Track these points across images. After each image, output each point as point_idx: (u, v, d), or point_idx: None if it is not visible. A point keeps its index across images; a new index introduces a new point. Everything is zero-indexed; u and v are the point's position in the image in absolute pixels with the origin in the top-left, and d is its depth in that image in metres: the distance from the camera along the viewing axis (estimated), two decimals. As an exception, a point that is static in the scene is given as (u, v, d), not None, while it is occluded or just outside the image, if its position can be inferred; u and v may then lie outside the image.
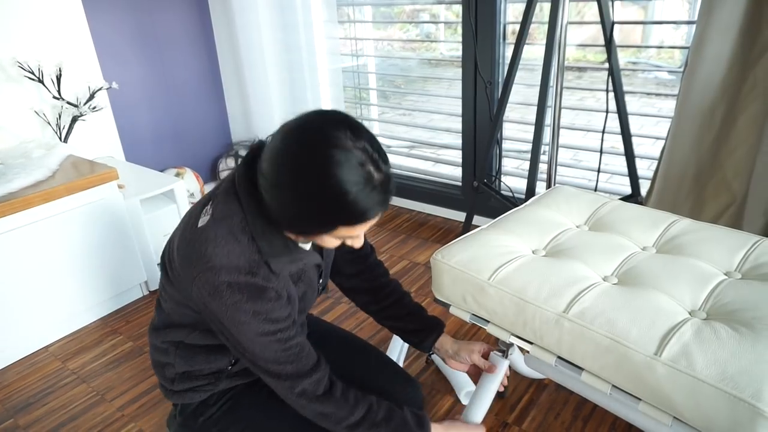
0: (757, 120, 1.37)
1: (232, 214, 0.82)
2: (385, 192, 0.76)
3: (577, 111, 2.95)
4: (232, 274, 0.79)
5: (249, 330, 0.82)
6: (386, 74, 2.84)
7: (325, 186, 0.72)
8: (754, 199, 1.39)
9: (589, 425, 1.25)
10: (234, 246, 0.80)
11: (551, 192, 1.20)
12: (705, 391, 0.66)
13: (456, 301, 0.99)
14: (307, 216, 0.77)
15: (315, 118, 0.76)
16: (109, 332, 1.71)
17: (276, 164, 0.75)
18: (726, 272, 0.88)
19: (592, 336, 0.77)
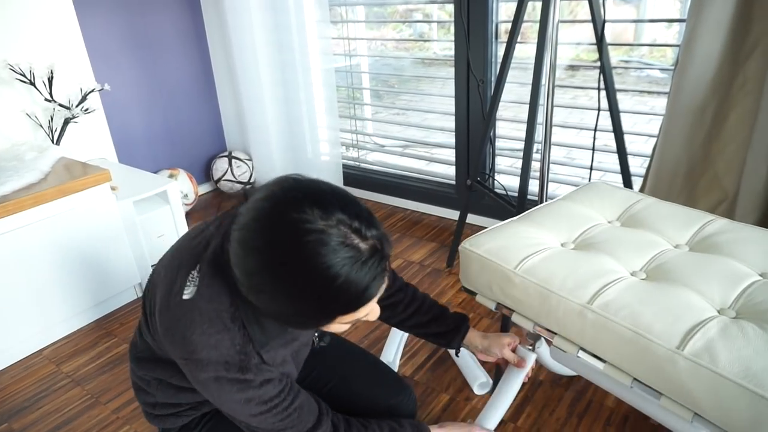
0: (747, 117, 1.38)
1: (220, 296, 0.73)
2: (380, 259, 0.66)
3: (570, 109, 2.97)
4: (220, 371, 0.72)
5: (242, 413, 0.77)
6: (380, 74, 2.85)
7: (309, 282, 0.63)
8: (745, 195, 1.40)
9: (584, 421, 1.26)
10: (223, 336, 0.72)
11: (585, 187, 1.19)
12: (727, 387, 0.65)
13: (482, 290, 0.99)
14: (299, 317, 0.69)
15: (272, 205, 0.65)
16: (103, 335, 1.70)
17: (246, 272, 0.66)
18: (761, 273, 0.86)
19: (615, 328, 0.77)
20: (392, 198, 2.47)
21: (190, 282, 0.74)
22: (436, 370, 1.44)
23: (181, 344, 0.73)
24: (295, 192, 0.65)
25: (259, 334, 0.74)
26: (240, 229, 0.66)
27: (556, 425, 1.25)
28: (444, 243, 2.09)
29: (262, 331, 0.75)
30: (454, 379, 1.40)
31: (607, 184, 1.20)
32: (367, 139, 2.68)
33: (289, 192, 0.65)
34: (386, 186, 2.46)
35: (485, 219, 2.16)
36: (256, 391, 0.75)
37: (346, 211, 0.65)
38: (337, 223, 0.63)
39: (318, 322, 0.70)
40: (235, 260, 0.66)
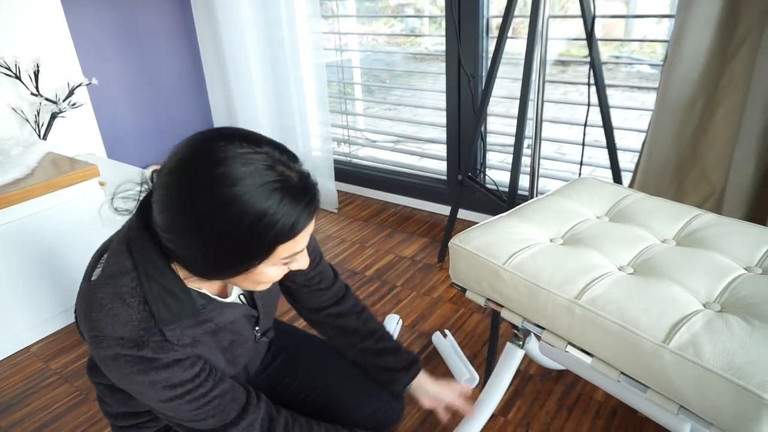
0: (734, 112, 1.40)
1: (122, 272, 0.71)
2: (307, 189, 0.65)
3: (561, 105, 2.98)
4: (115, 347, 0.69)
5: (151, 397, 0.74)
6: (371, 69, 2.84)
7: (237, 214, 0.61)
8: (732, 190, 1.41)
9: (573, 414, 1.27)
10: (120, 311, 0.70)
11: (574, 183, 1.20)
12: (711, 380, 0.66)
13: (472, 286, 0.99)
14: (233, 252, 0.65)
15: (197, 145, 0.64)
16: (92, 331, 1.69)
17: (168, 210, 0.64)
18: (746, 267, 0.87)
19: (602, 322, 0.77)
20: (384, 193, 2.47)
21: (99, 264, 0.74)
22: (427, 365, 1.44)
23: (85, 325, 0.71)
24: (219, 132, 0.65)
25: (165, 311, 0.71)
26: (164, 174, 0.65)
27: (546, 418, 1.26)
28: (435, 238, 2.09)
29: (167, 308, 0.71)
30: (445, 375, 1.41)
31: (596, 179, 1.21)
32: (358, 135, 2.68)
33: (213, 132, 0.66)
34: (378, 181, 2.46)
35: (476, 214, 2.16)
36: (162, 373, 0.72)
37: (274, 146, 0.65)
38: (265, 152, 0.63)
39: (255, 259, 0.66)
40: (161, 208, 0.65)
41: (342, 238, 2.15)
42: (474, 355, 1.47)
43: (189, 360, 0.75)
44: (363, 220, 2.30)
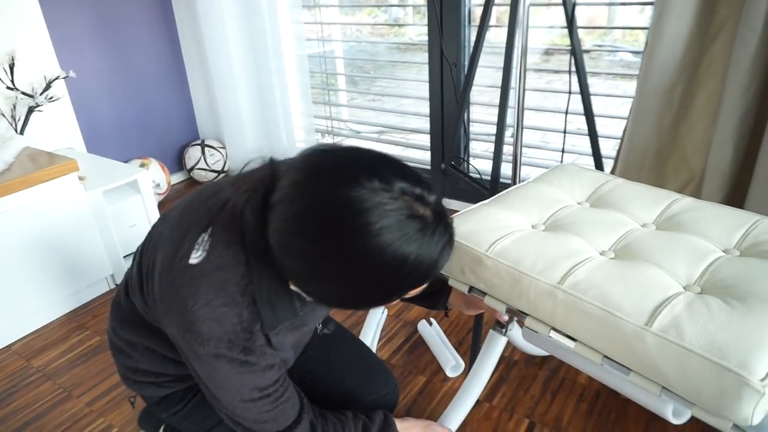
0: (713, 98, 1.41)
1: (233, 266, 0.66)
2: (446, 227, 0.61)
3: (546, 94, 2.99)
4: (220, 348, 0.66)
5: (232, 397, 0.71)
6: (354, 59, 2.82)
7: (377, 265, 0.57)
8: (711, 174, 1.43)
9: (557, 398, 1.28)
10: (229, 310, 0.65)
11: (555, 169, 1.20)
12: (693, 360, 0.67)
13: (455, 274, 0.99)
14: (363, 300, 0.64)
15: (323, 183, 0.57)
16: (75, 328, 1.67)
17: (299, 260, 0.60)
18: (724, 249, 0.88)
19: (585, 307, 0.78)
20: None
21: (199, 246, 0.67)
22: (412, 354, 1.45)
23: (180, 313, 0.66)
24: (347, 167, 0.58)
25: (270, 314, 0.68)
26: (287, 219, 0.59)
27: (530, 403, 1.28)
28: (420, 228, 2.10)
29: (273, 311, 0.68)
30: (430, 362, 1.42)
31: (576, 165, 1.21)
32: (342, 126, 2.66)
33: (340, 168, 0.58)
34: (362, 172, 2.45)
35: (461, 203, 2.17)
36: (255, 377, 0.70)
37: (405, 176, 0.58)
38: (399, 192, 0.57)
39: (383, 303, 0.65)
40: (288, 252, 0.60)
41: (327, 229, 2.15)
42: (459, 343, 1.48)
43: (278, 365, 0.74)
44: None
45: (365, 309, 0.69)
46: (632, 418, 1.21)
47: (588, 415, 1.23)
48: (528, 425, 1.22)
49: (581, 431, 1.19)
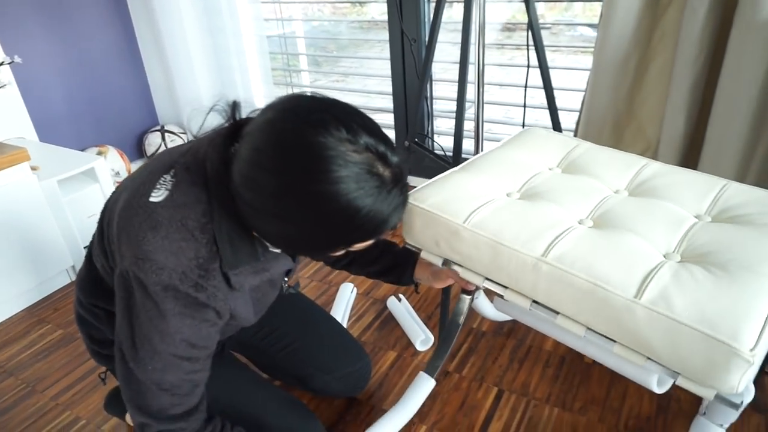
0: (666, 68, 1.45)
1: (194, 203, 0.67)
2: (402, 188, 0.64)
3: (508, 69, 3.01)
4: (173, 279, 0.65)
5: (158, 343, 0.69)
6: (316, 38, 2.77)
7: (332, 211, 0.59)
8: (665, 143, 1.47)
9: (524, 365, 1.32)
10: (188, 245, 0.66)
11: (523, 134, 1.18)
12: (683, 332, 0.66)
13: (428, 246, 0.95)
14: (308, 244, 0.66)
15: (293, 122, 0.59)
16: (36, 322, 1.62)
17: (260, 195, 0.61)
18: (696, 215, 0.88)
19: (571, 280, 0.76)
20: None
21: (161, 185, 0.68)
22: (382, 330, 1.47)
23: (137, 245, 0.65)
24: (318, 112, 0.60)
25: (230, 254, 0.68)
26: (254, 150, 0.61)
27: (499, 371, 1.31)
28: (387, 207, 2.10)
29: (233, 251, 0.68)
30: (401, 338, 1.44)
31: (543, 129, 1.20)
32: (306, 107, 2.63)
33: (312, 112, 0.60)
34: (328, 153, 2.43)
35: (426, 181, 2.18)
36: (194, 325, 0.68)
37: (371, 133, 0.61)
38: (364, 147, 0.60)
39: (329, 251, 0.67)
40: (246, 182, 0.62)
41: (294, 212, 2.13)
42: (428, 317, 1.50)
43: (221, 324, 0.73)
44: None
45: (312, 255, 0.73)
46: (595, 380, 1.26)
47: (554, 380, 1.27)
48: (497, 393, 1.25)
49: (548, 395, 1.23)
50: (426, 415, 1.20)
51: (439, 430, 1.17)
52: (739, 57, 1.26)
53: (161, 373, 0.71)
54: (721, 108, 1.33)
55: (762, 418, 1.13)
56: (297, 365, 1.13)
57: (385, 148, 0.62)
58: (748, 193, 0.92)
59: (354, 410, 1.23)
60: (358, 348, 1.19)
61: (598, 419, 1.16)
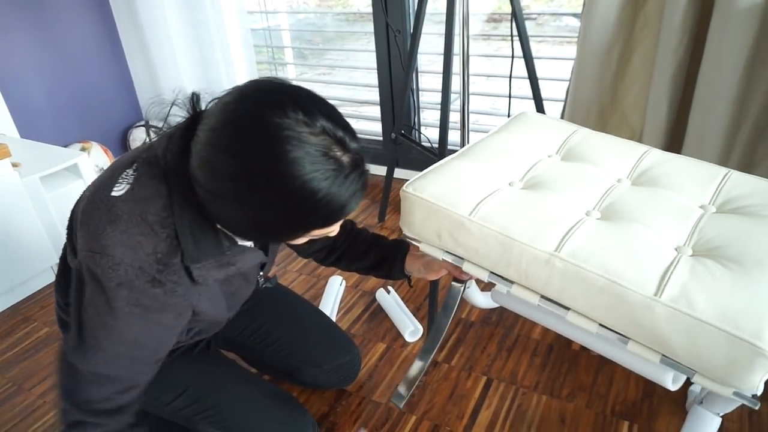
0: (648, 56, 1.46)
1: (154, 197, 0.66)
2: (360, 174, 0.63)
3: (495, 59, 3.01)
4: (129, 274, 0.64)
5: (102, 341, 0.68)
6: (301, 31, 2.75)
7: (287, 194, 0.59)
8: (649, 130, 1.48)
9: (513, 354, 1.33)
10: (146, 240, 0.65)
11: (517, 118, 1.15)
12: (705, 331, 0.65)
13: (429, 238, 0.90)
14: (265, 229, 0.64)
15: (250, 107, 0.59)
16: (21, 320, 1.60)
17: (215, 178, 0.61)
18: (701, 205, 0.87)
19: (586, 276, 0.73)
20: (322, 158, 2.43)
21: (123, 180, 0.68)
22: (371, 322, 1.47)
23: (95, 239, 0.65)
24: (275, 94, 0.60)
25: (192, 247, 0.68)
26: (211, 130, 0.60)
27: (487, 360, 1.32)
28: (375, 199, 2.10)
29: (195, 244, 0.68)
30: (390, 330, 1.44)
31: (537, 114, 1.18)
32: (292, 100, 2.61)
33: (269, 94, 0.60)
34: (315, 147, 2.42)
35: (414, 173, 2.18)
36: (148, 326, 0.68)
37: (330, 118, 0.61)
38: (321, 130, 0.59)
39: (287, 236, 0.66)
40: (203, 164, 0.61)
41: (282, 205, 2.13)
42: (417, 308, 1.51)
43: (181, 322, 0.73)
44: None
45: (272, 240, 0.70)
46: (583, 367, 1.27)
47: (542, 368, 1.28)
48: (486, 382, 1.26)
49: (536, 383, 1.25)
50: (416, 406, 1.21)
51: (429, 419, 1.18)
52: (719, 45, 1.27)
53: (100, 367, 0.70)
54: (702, 95, 1.35)
55: (744, 401, 1.15)
56: (285, 360, 1.13)
57: (343, 133, 0.62)
58: (751, 183, 0.91)
59: (344, 401, 1.23)
60: (347, 340, 1.19)
61: (585, 405, 1.18)
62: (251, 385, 1.01)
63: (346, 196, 0.62)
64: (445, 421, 1.17)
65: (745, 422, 1.10)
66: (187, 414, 0.95)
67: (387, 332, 1.43)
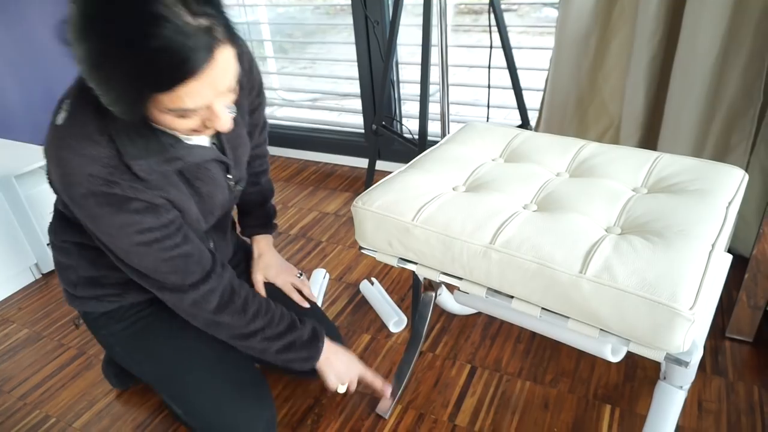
0: (626, 44, 1.47)
1: (86, 113, 0.73)
2: (207, 32, 0.62)
3: (475, 50, 3.02)
4: (85, 184, 0.72)
5: (120, 242, 0.77)
6: (281, 24, 2.73)
7: (122, 42, 0.59)
8: (627, 118, 1.50)
9: (496, 342, 1.34)
10: (88, 150, 0.72)
11: (464, 129, 1.20)
12: (628, 300, 0.69)
13: (382, 247, 0.96)
14: (111, 90, 0.64)
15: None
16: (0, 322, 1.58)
17: (75, 40, 0.63)
18: (633, 188, 0.93)
19: (520, 263, 0.78)
20: (303, 152, 2.43)
21: (62, 109, 0.76)
22: (356, 314, 1.47)
23: (55, 168, 0.73)
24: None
25: (130, 146, 0.73)
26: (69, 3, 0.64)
27: (471, 349, 1.33)
28: (357, 192, 2.10)
29: (133, 144, 0.74)
30: (374, 321, 1.44)
31: (484, 123, 1.23)
32: (274, 95, 2.59)
33: None
34: (296, 140, 2.41)
35: (396, 164, 2.18)
36: (133, 217, 0.75)
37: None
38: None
39: (134, 97, 0.65)
40: (69, 39, 0.64)
41: (265, 200, 2.12)
42: (401, 299, 1.51)
43: (162, 207, 0.78)
44: (284, 180, 2.26)
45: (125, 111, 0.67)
46: (565, 353, 1.29)
47: (525, 355, 1.30)
48: (470, 370, 1.27)
49: (519, 370, 1.26)
50: (401, 395, 1.21)
51: (414, 408, 1.19)
52: (693, 32, 1.29)
53: (144, 261, 0.79)
54: (677, 83, 1.37)
55: (722, 381, 1.18)
56: None
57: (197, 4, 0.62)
58: (679, 162, 0.97)
59: (329, 393, 1.23)
60: (331, 326, 1.20)
61: (568, 390, 1.19)
62: (220, 368, 1.00)
63: (186, 50, 0.60)
64: (430, 409, 1.18)
65: (723, 401, 1.13)
66: (152, 381, 1.00)
67: (371, 323, 1.44)
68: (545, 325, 0.91)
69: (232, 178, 0.94)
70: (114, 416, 1.23)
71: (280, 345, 0.92)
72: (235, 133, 0.92)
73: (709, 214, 0.81)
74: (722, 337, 1.28)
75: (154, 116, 0.69)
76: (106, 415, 1.24)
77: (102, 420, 1.23)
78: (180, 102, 0.65)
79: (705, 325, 0.86)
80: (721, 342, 1.27)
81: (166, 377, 0.97)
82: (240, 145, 0.94)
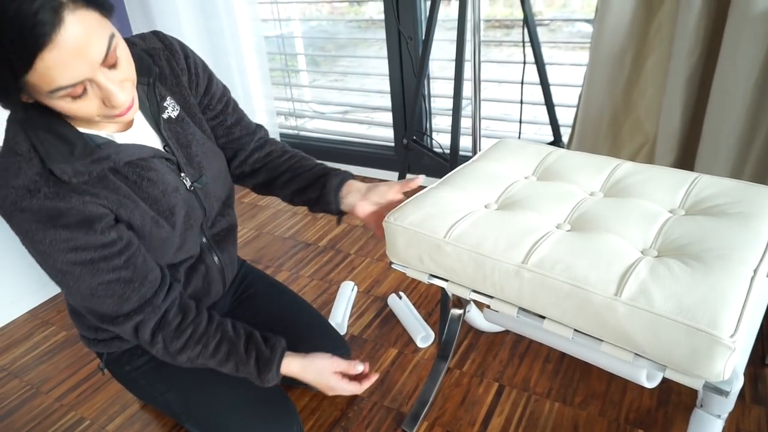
0: (663, 61, 1.45)
1: (10, 130, 0.71)
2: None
3: (507, 65, 3.01)
4: (13, 197, 0.69)
5: (52, 261, 0.73)
6: (314, 38, 2.78)
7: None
8: (663, 137, 1.47)
9: (525, 361, 1.33)
10: (12, 162, 0.69)
11: (496, 146, 1.20)
12: (664, 325, 0.68)
13: (413, 263, 0.96)
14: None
15: None
16: (39, 324, 1.63)
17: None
18: (670, 210, 0.91)
19: (552, 283, 0.77)
20: (333, 164, 2.44)
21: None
22: (383, 328, 1.47)
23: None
24: None
25: (53, 151, 0.70)
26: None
27: (499, 367, 1.32)
28: (388, 206, 2.11)
29: (55, 148, 0.71)
30: (401, 335, 1.44)
31: (517, 140, 1.22)
32: (305, 107, 2.64)
33: None
34: (327, 152, 2.44)
35: (426, 179, 2.19)
36: (62, 232, 0.71)
37: None
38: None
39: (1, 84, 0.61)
40: None
41: (294, 211, 2.14)
42: (429, 314, 1.51)
43: (100, 222, 0.74)
44: (315, 192, 2.29)
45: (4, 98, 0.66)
46: (596, 374, 1.26)
47: (554, 375, 1.28)
48: (497, 388, 1.26)
49: (548, 390, 1.24)
50: (427, 412, 1.21)
51: (440, 425, 1.18)
52: (734, 50, 1.26)
53: (80, 283, 0.75)
54: (717, 102, 1.34)
55: (762, 410, 1.13)
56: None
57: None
58: (718, 184, 0.94)
59: (356, 407, 1.23)
60: (335, 336, 1.22)
61: (598, 413, 1.17)
62: (243, 388, 1.00)
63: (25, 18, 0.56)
64: (456, 427, 1.17)
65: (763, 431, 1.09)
66: (177, 409, 1.00)
67: (398, 338, 1.44)
68: (577, 347, 0.89)
69: (185, 176, 0.89)
70: (145, 421, 1.26)
71: (228, 368, 0.91)
72: (182, 130, 0.88)
73: (751, 237, 0.79)
74: (762, 365, 1.24)
75: (52, 106, 0.65)
76: (137, 419, 1.27)
77: (134, 424, 1.25)
78: (50, 80, 0.60)
79: (746, 353, 0.83)
80: (761, 370, 1.23)
81: (190, 403, 0.98)
82: (192, 143, 0.90)
